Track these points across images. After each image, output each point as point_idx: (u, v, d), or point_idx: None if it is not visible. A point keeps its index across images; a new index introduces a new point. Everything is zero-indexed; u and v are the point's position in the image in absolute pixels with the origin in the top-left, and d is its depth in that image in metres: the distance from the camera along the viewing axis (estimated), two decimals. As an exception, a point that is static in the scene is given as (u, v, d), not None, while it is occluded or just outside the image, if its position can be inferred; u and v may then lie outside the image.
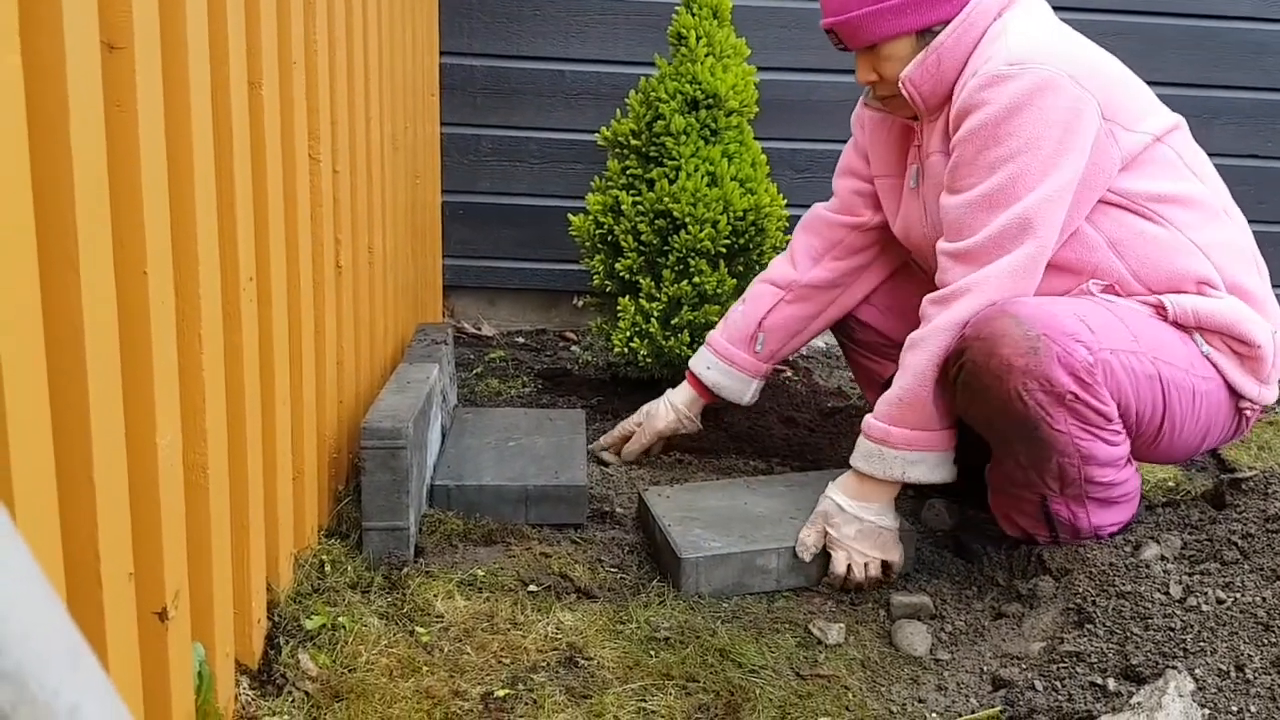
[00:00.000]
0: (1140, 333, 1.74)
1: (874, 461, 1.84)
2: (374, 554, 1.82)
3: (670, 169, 2.56)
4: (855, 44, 1.88)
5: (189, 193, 1.18)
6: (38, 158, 0.88)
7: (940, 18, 1.82)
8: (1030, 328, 1.66)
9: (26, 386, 0.86)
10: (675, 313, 2.58)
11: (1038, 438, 1.71)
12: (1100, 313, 1.74)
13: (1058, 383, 1.65)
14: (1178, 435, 1.81)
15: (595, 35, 3.29)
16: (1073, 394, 1.66)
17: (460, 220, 3.38)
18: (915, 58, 1.85)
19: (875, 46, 1.87)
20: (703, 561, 1.82)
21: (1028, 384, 1.66)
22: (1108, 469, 1.75)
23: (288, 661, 1.50)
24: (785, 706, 1.53)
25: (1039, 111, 1.72)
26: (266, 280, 1.49)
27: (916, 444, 1.82)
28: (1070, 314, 1.69)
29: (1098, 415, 1.69)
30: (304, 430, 1.70)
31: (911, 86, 1.86)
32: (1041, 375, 1.65)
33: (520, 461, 2.14)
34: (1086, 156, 1.75)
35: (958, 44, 1.82)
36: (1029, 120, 1.72)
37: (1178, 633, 1.50)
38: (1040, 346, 1.65)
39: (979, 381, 1.70)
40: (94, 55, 0.96)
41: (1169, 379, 1.74)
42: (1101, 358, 1.67)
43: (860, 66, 1.92)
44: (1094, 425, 1.70)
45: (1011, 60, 1.74)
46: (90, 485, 0.98)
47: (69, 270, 0.93)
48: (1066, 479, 1.75)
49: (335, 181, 1.84)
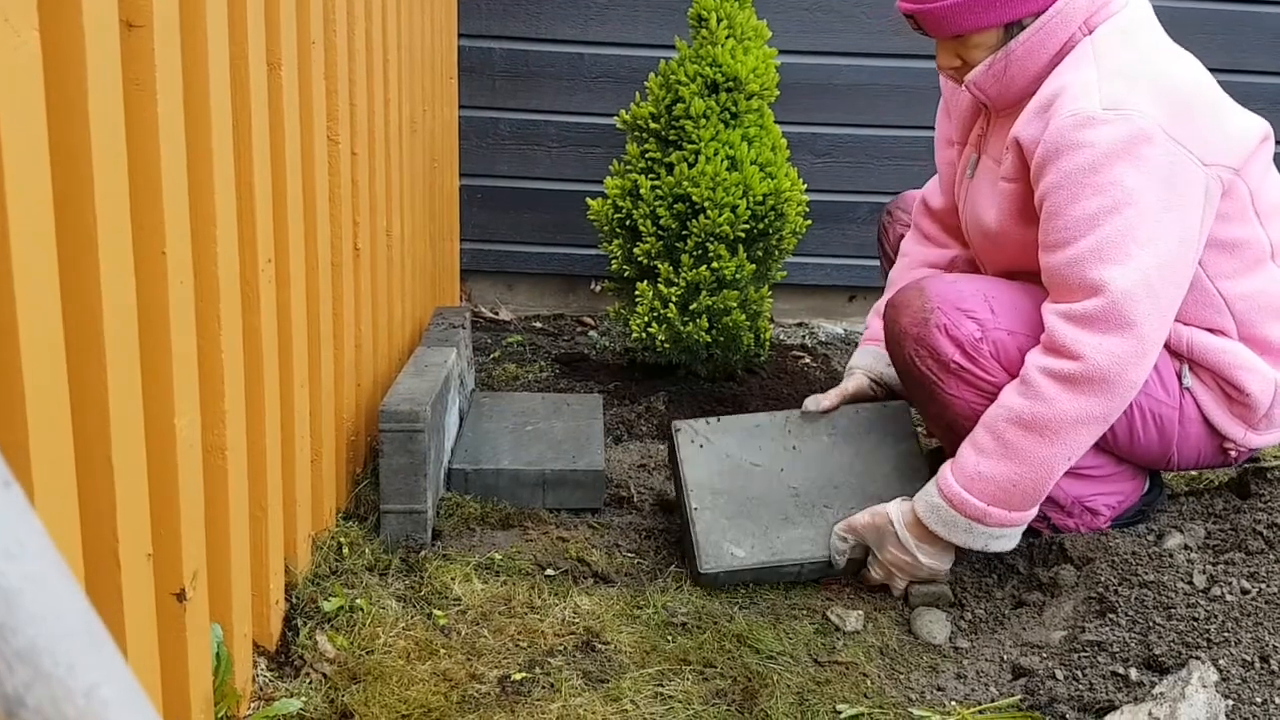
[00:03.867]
0: None
1: (956, 531, 1.73)
2: (391, 537, 1.82)
3: (690, 153, 2.54)
4: (939, 33, 1.81)
5: (207, 173, 1.18)
6: (56, 136, 0.88)
7: (1028, 11, 1.73)
8: (929, 300, 1.76)
9: (45, 368, 0.86)
10: (693, 298, 2.57)
11: (935, 400, 1.79)
12: (1018, 301, 1.76)
13: (942, 352, 1.75)
14: (1131, 446, 1.81)
15: (615, 17, 3.27)
16: (957, 364, 1.74)
17: (478, 204, 3.37)
18: (983, 61, 1.78)
19: (961, 36, 1.79)
20: (723, 574, 1.78)
21: (919, 350, 1.77)
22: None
23: (305, 643, 1.50)
24: (803, 693, 1.53)
25: (1140, 161, 1.62)
26: (285, 262, 1.48)
27: (1013, 523, 1.72)
28: (978, 294, 1.76)
29: (991, 386, 1.73)
30: (322, 413, 1.70)
31: (976, 89, 1.81)
32: (929, 344, 1.76)
33: (538, 446, 2.13)
34: (1198, 210, 1.67)
35: (1029, 53, 1.74)
36: (1128, 171, 1.62)
37: (1201, 623, 1.48)
38: (930, 318, 1.75)
39: (890, 345, 1.83)
40: (113, 33, 0.96)
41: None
42: (994, 336, 1.73)
43: (942, 52, 1.84)
44: (990, 395, 1.73)
45: (1107, 104, 1.64)
46: (109, 466, 0.98)
47: (88, 250, 0.93)
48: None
49: (354, 164, 1.83)
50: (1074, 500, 1.83)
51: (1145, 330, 1.62)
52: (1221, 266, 1.77)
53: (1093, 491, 1.84)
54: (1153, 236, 1.62)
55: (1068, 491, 1.82)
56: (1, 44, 0.78)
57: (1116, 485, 1.85)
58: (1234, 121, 1.75)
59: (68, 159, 0.90)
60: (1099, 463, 1.83)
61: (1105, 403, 1.63)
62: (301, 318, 1.56)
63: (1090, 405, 1.63)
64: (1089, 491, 1.84)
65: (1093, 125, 1.64)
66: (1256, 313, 1.80)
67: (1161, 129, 1.63)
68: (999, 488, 1.68)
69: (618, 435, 2.43)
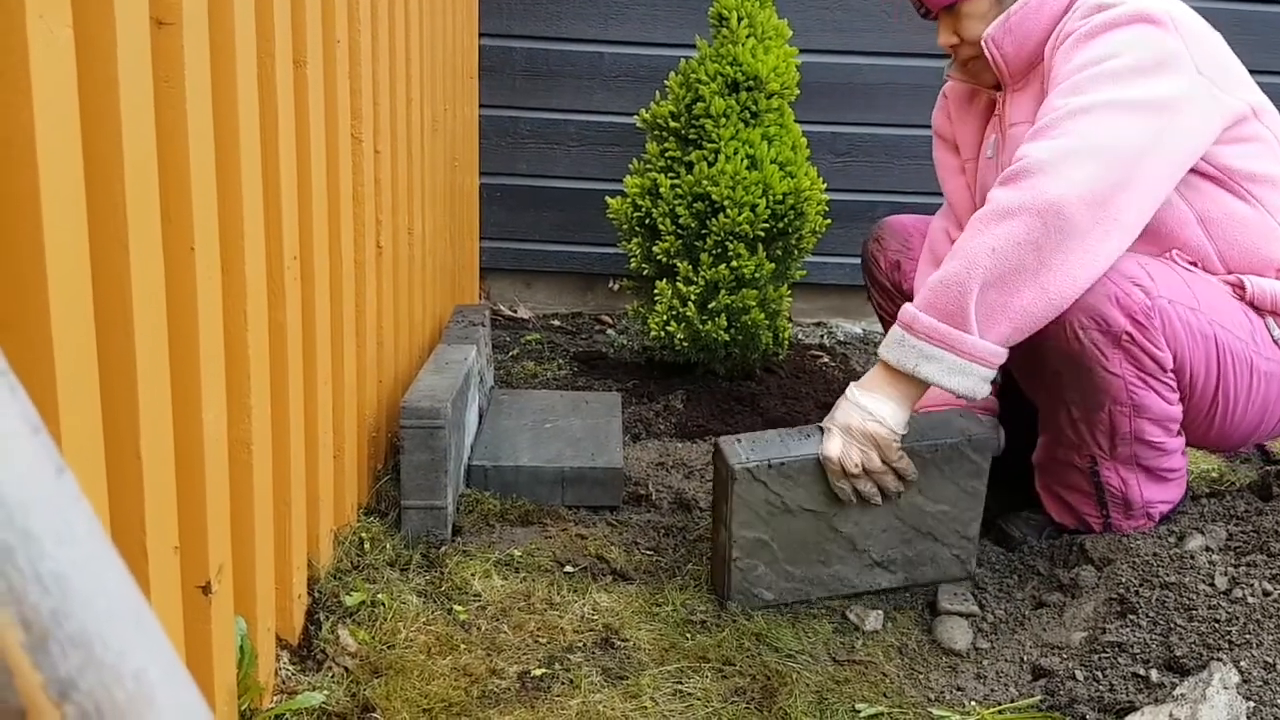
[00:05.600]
0: (1203, 297, 1.70)
1: (892, 348, 1.65)
2: (412, 532, 1.83)
3: (709, 152, 2.54)
4: (935, 4, 1.86)
5: (235, 170, 1.19)
6: (88, 132, 0.89)
7: None
8: None
9: (76, 361, 0.87)
10: (712, 297, 2.57)
11: (1092, 381, 1.68)
12: (1165, 269, 1.70)
13: (1114, 322, 1.63)
14: (1233, 411, 1.76)
15: (635, 17, 3.27)
16: (1128, 334, 1.63)
17: (498, 202, 3.38)
18: (997, 18, 1.82)
19: (954, 6, 1.85)
20: (750, 606, 1.74)
21: (1084, 321, 1.64)
22: (1158, 427, 1.72)
23: (328, 637, 1.51)
24: (822, 692, 1.53)
25: (1139, 31, 1.66)
26: (309, 259, 1.49)
27: (937, 337, 1.60)
28: (1132, 260, 1.65)
29: (1153, 362, 1.66)
30: (344, 408, 1.71)
31: (994, 46, 1.83)
32: (1098, 314, 1.63)
33: (556, 443, 2.14)
34: (1189, 91, 1.65)
35: (1042, 4, 1.79)
36: (1127, 37, 1.66)
37: (1223, 624, 1.48)
38: (1097, 285, 1.61)
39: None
40: (144, 30, 0.97)
41: (1225, 344, 1.69)
42: (1160, 305, 1.64)
43: (941, 29, 1.91)
44: (1149, 373, 1.67)
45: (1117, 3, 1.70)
46: (137, 459, 0.99)
47: (118, 245, 0.94)
48: (1118, 434, 1.71)
49: (377, 162, 1.85)
50: (1145, 503, 1.79)
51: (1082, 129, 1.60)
52: (1276, 201, 1.76)
53: (1164, 497, 1.80)
54: (1126, 86, 1.63)
55: (1144, 495, 1.78)
56: (36, 41, 0.79)
57: (1179, 490, 1.83)
58: (1241, 69, 1.78)
59: (99, 156, 0.92)
60: (1179, 466, 1.80)
61: (1035, 193, 1.56)
62: (325, 314, 1.57)
63: (1020, 195, 1.57)
64: (1161, 497, 1.80)
65: (1096, 10, 1.70)
66: None
67: (1170, 18, 1.67)
68: (928, 288, 1.63)
69: (636, 434, 2.43)
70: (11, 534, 0.32)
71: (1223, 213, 1.76)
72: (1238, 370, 1.72)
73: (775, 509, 1.71)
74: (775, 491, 1.70)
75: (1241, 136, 1.75)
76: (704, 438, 2.41)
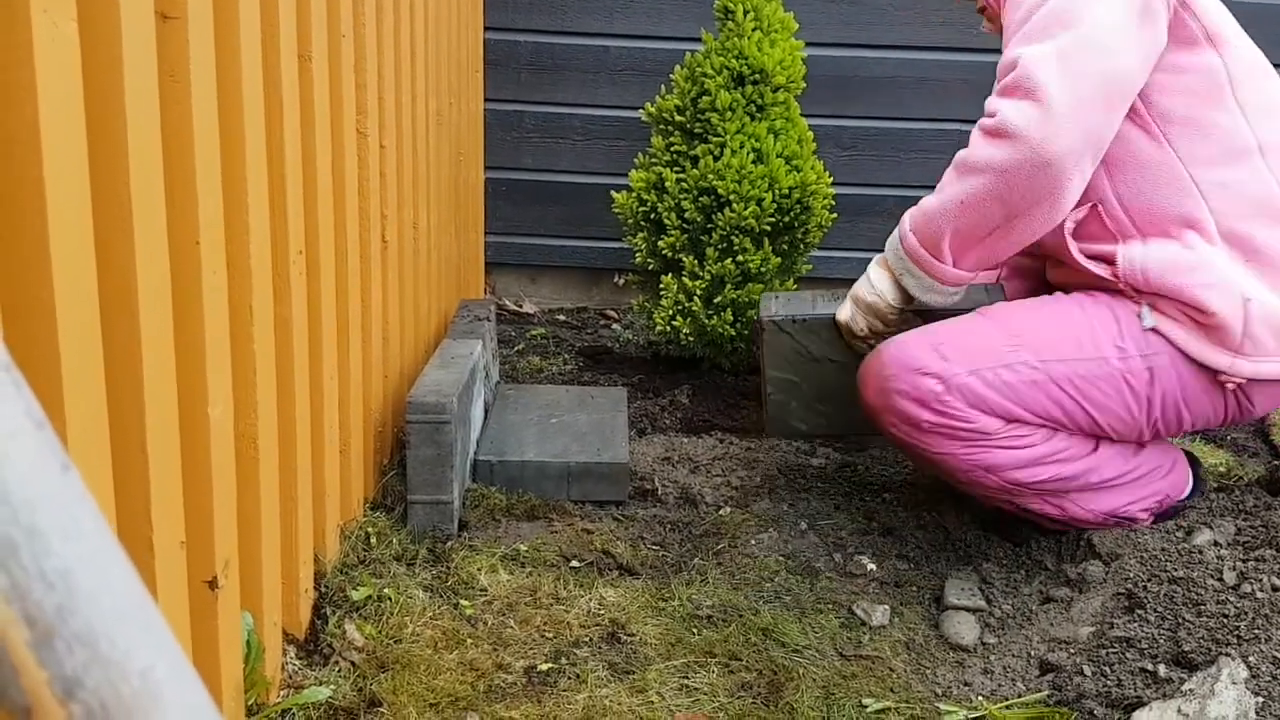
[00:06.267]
0: (1031, 336, 1.71)
1: (889, 251, 1.84)
2: (418, 527, 1.83)
3: (715, 145, 2.53)
4: None
5: (240, 164, 1.19)
6: (93, 127, 0.89)
7: None
8: (885, 367, 1.74)
9: (82, 356, 0.87)
10: (718, 291, 2.57)
11: (931, 461, 1.77)
12: (965, 337, 1.72)
13: (912, 415, 1.72)
14: (1131, 421, 1.71)
15: (640, 10, 3.26)
16: (929, 422, 1.71)
17: (503, 197, 3.37)
18: None
19: None
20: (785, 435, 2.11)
21: (891, 419, 1.75)
22: (1039, 468, 1.71)
23: (334, 632, 1.51)
24: (829, 687, 1.53)
25: None
26: (315, 254, 1.49)
27: (917, 258, 1.76)
28: (924, 345, 1.72)
29: (972, 432, 1.70)
30: (350, 403, 1.71)
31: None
32: (898, 411, 1.73)
33: (562, 438, 2.14)
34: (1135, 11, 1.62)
35: None
36: None
37: (1231, 619, 1.47)
38: (889, 386, 1.73)
39: (870, 419, 1.83)
40: (149, 24, 0.96)
41: (1066, 375, 1.68)
42: (955, 383, 1.69)
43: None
44: (976, 441, 1.70)
45: None
46: (144, 454, 0.99)
47: (124, 240, 0.94)
48: (996, 488, 1.75)
49: (382, 156, 1.84)
50: (1106, 515, 1.78)
51: (1046, 92, 1.59)
52: (1196, 150, 1.68)
53: (1125, 501, 1.79)
54: (1079, 19, 1.61)
55: (1097, 508, 1.77)
56: (40, 36, 0.79)
57: (1149, 487, 1.81)
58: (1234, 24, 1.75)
59: (104, 150, 0.91)
60: (1122, 471, 1.77)
61: (1008, 154, 1.61)
62: (331, 309, 1.57)
63: (994, 152, 1.63)
64: (1121, 502, 1.78)
65: None
66: (1236, 203, 1.67)
67: None
68: (919, 216, 1.77)
69: (642, 428, 2.43)
70: (16, 530, 0.32)
71: (1127, 153, 1.70)
72: (1102, 390, 1.69)
73: (801, 357, 2.01)
74: (800, 342, 2.01)
75: (1181, 66, 1.68)
76: (710, 433, 2.41)
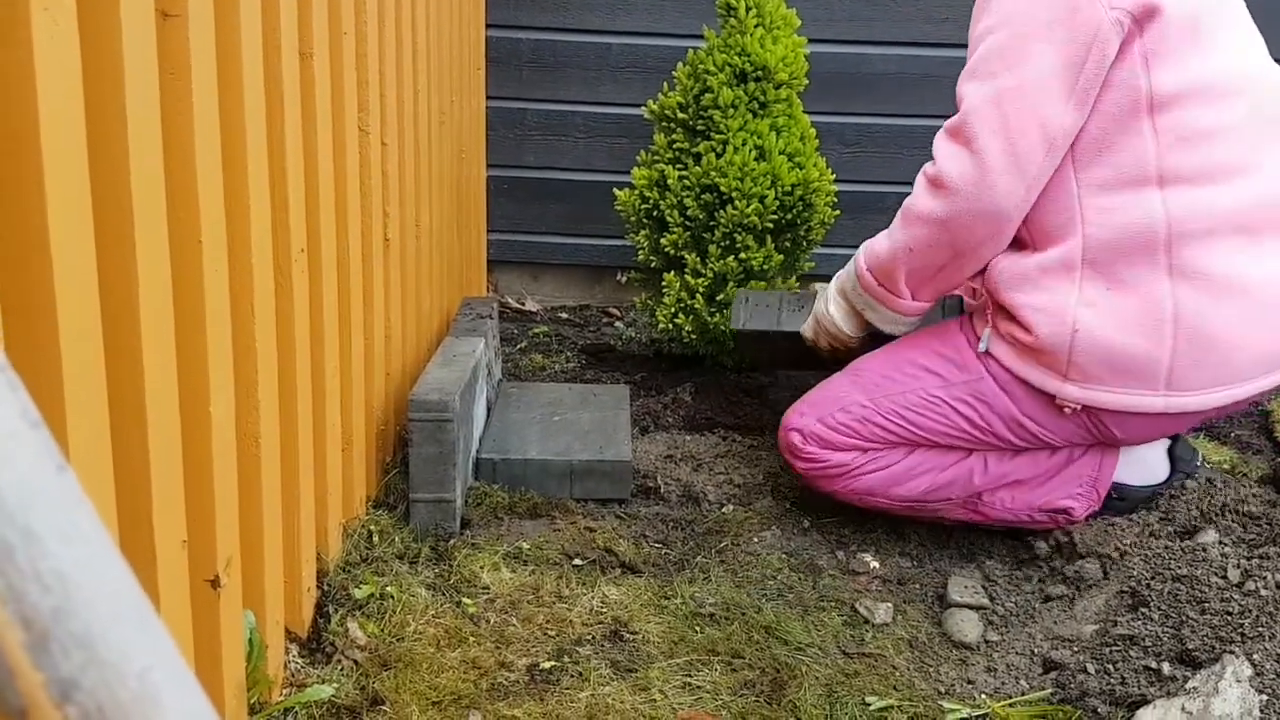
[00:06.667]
0: (863, 380, 1.87)
1: (847, 289, 1.95)
2: (421, 525, 1.83)
3: (717, 143, 2.53)
4: None
5: (241, 162, 1.18)
6: (94, 125, 0.89)
7: None
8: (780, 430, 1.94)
9: (83, 354, 0.87)
10: (721, 289, 2.56)
11: (832, 497, 1.93)
12: (822, 389, 1.91)
13: (794, 466, 1.93)
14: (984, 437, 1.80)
15: (642, 7, 3.26)
16: (804, 468, 1.90)
17: (505, 195, 3.37)
18: None
19: None
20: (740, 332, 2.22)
21: (794, 471, 1.95)
22: (912, 482, 1.85)
23: (337, 630, 1.51)
24: (832, 685, 1.52)
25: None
26: (317, 252, 1.49)
27: (876, 295, 1.88)
28: (795, 407, 1.92)
29: (836, 468, 1.87)
30: (352, 402, 1.71)
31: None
32: (791, 465, 1.94)
33: (565, 436, 2.14)
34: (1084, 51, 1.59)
35: None
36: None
37: (1235, 617, 1.47)
38: (780, 447, 1.95)
39: None
40: (149, 21, 0.96)
41: (890, 409, 1.83)
42: (809, 432, 1.88)
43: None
44: (844, 474, 1.87)
45: None
46: (145, 452, 0.98)
47: (125, 239, 0.94)
48: (904, 505, 1.88)
49: (384, 154, 1.84)
50: (1036, 509, 1.83)
51: (982, 145, 1.64)
52: (1092, 171, 1.65)
53: (1046, 495, 1.83)
54: (1021, 59, 1.62)
55: (1016, 507, 1.84)
56: (40, 33, 0.79)
57: (1071, 484, 1.82)
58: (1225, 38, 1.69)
59: (105, 148, 0.91)
60: (1035, 474, 1.82)
61: (947, 207, 1.69)
62: (333, 307, 1.57)
63: (935, 205, 1.71)
64: (1042, 498, 1.83)
65: None
66: (1111, 232, 1.64)
67: None
68: (873, 254, 1.87)
69: (644, 426, 2.43)
70: (12, 533, 0.32)
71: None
72: (929, 416, 1.81)
73: (768, 351, 2.31)
74: (765, 346, 2.26)
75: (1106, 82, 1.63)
76: (712, 430, 2.41)
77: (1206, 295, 1.63)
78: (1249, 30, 1.77)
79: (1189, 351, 1.64)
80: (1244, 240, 1.65)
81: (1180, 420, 1.73)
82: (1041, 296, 1.68)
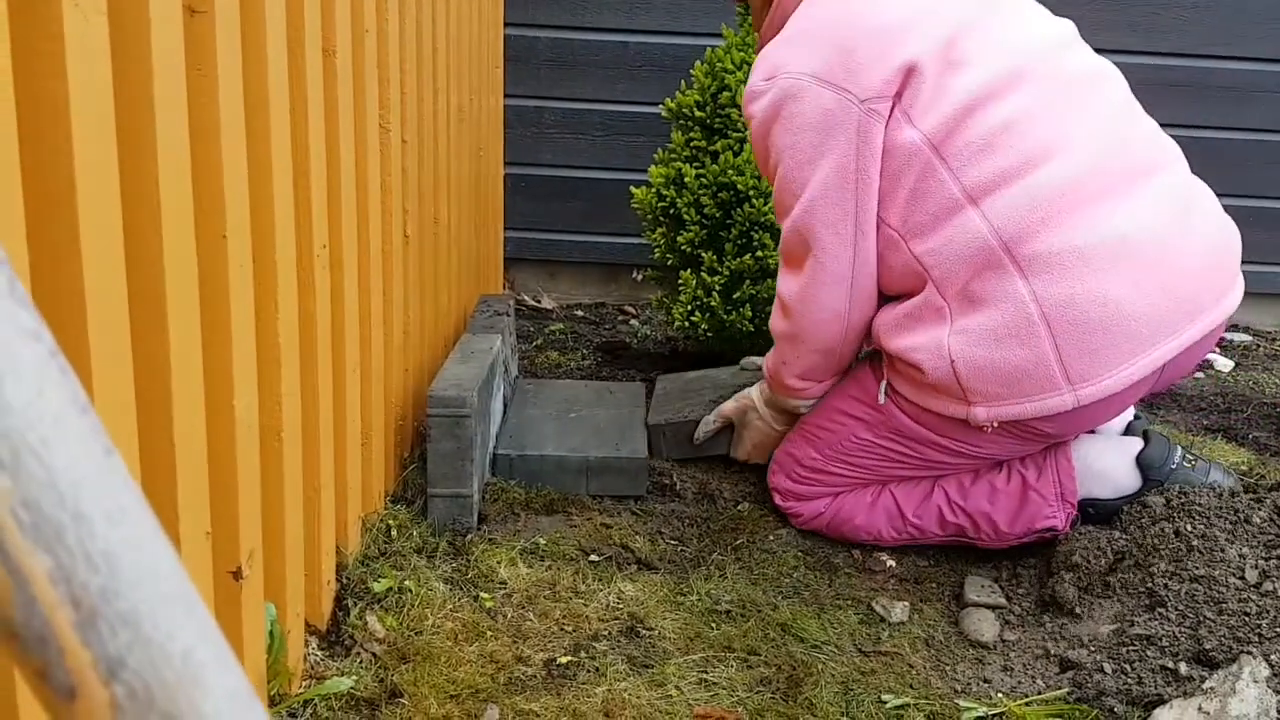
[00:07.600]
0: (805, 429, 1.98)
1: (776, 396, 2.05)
2: (439, 520, 1.84)
3: (735, 141, 2.53)
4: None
5: (266, 159, 1.19)
6: (122, 121, 0.90)
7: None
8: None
9: (111, 349, 0.88)
10: (737, 287, 2.57)
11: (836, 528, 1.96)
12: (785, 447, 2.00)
13: (780, 506, 2.00)
14: (932, 466, 1.87)
15: (660, 5, 3.26)
16: (791, 513, 1.98)
17: (522, 192, 3.38)
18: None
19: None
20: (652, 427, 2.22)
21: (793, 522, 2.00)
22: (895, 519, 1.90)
23: (356, 623, 1.52)
24: (848, 682, 1.53)
25: (786, 121, 1.76)
26: (338, 248, 1.50)
27: (791, 396, 2.01)
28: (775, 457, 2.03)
29: (820, 517, 1.94)
30: (372, 396, 1.72)
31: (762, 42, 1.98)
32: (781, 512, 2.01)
33: (581, 433, 2.14)
34: (851, 149, 1.71)
35: (778, 8, 1.92)
36: (780, 132, 1.77)
37: (1253, 618, 1.47)
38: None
39: None
40: (177, 18, 0.97)
41: (833, 457, 1.92)
42: (785, 468, 1.98)
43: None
44: (829, 520, 1.93)
45: (765, 74, 1.79)
46: (170, 445, 1.00)
47: (152, 235, 0.95)
48: (891, 520, 1.90)
49: (404, 152, 1.85)
50: (1020, 536, 1.84)
51: (801, 266, 1.82)
52: (911, 223, 1.71)
53: (1026, 524, 1.83)
54: (803, 184, 1.77)
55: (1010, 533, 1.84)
56: (71, 29, 0.80)
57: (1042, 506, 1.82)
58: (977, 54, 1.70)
59: (133, 144, 0.92)
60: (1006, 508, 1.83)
61: (790, 324, 1.89)
62: (354, 303, 1.58)
63: (783, 324, 1.91)
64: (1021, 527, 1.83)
65: (753, 99, 1.81)
66: (951, 263, 1.67)
67: (813, 78, 1.72)
68: (769, 373, 2.03)
69: (661, 423, 2.43)
70: (63, 514, 0.33)
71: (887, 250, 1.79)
72: (869, 455, 1.90)
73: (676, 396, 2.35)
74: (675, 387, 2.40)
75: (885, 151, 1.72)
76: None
77: (1066, 281, 1.60)
78: (1016, 8, 1.81)
79: (1074, 342, 1.61)
80: (1087, 212, 1.62)
81: (1110, 404, 1.68)
82: (919, 337, 1.73)
